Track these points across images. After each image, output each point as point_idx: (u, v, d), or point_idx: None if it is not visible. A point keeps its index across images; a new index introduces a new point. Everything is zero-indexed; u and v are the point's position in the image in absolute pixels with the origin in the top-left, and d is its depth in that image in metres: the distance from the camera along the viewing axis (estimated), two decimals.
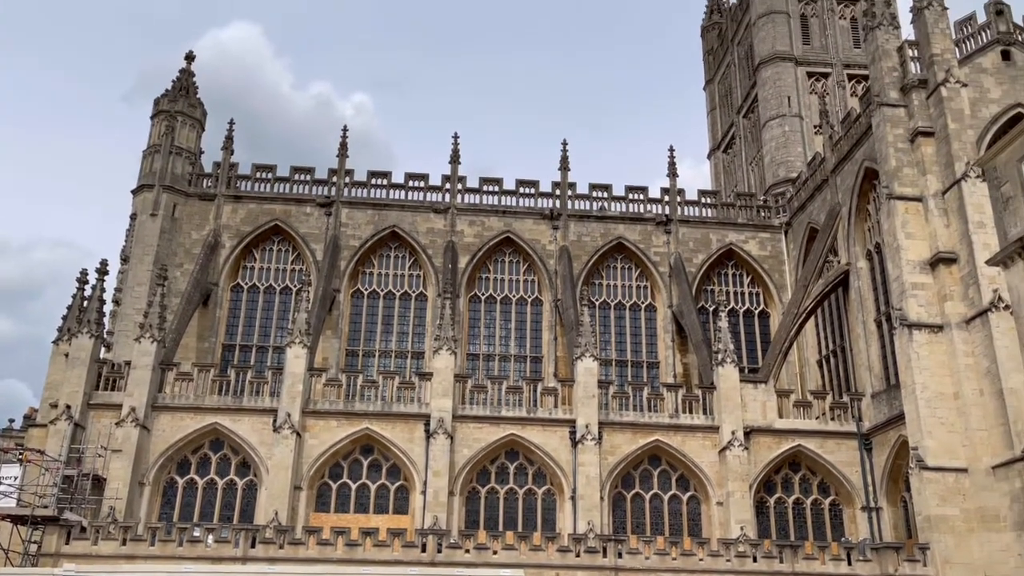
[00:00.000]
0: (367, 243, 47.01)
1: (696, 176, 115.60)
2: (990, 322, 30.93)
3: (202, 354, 43.48)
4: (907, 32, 38.77)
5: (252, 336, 45.55)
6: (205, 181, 47.42)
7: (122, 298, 43.30)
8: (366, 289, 46.99)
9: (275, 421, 35.85)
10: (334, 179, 47.99)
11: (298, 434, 35.83)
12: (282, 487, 34.75)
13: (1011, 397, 29.63)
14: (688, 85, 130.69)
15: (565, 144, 49.65)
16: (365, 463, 37.13)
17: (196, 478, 36.46)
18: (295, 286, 45.88)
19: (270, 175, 48.08)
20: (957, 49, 36.50)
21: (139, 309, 40.88)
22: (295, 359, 37.06)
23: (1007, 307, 29.75)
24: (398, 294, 47.08)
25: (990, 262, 26.45)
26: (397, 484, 36.86)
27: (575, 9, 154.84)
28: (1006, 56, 36.69)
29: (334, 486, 36.70)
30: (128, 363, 37.10)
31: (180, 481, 36.36)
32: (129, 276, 43.77)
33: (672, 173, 49.84)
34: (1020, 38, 37.09)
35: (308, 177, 48.13)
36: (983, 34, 37.17)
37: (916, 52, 37.09)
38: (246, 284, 46.48)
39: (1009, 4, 37.42)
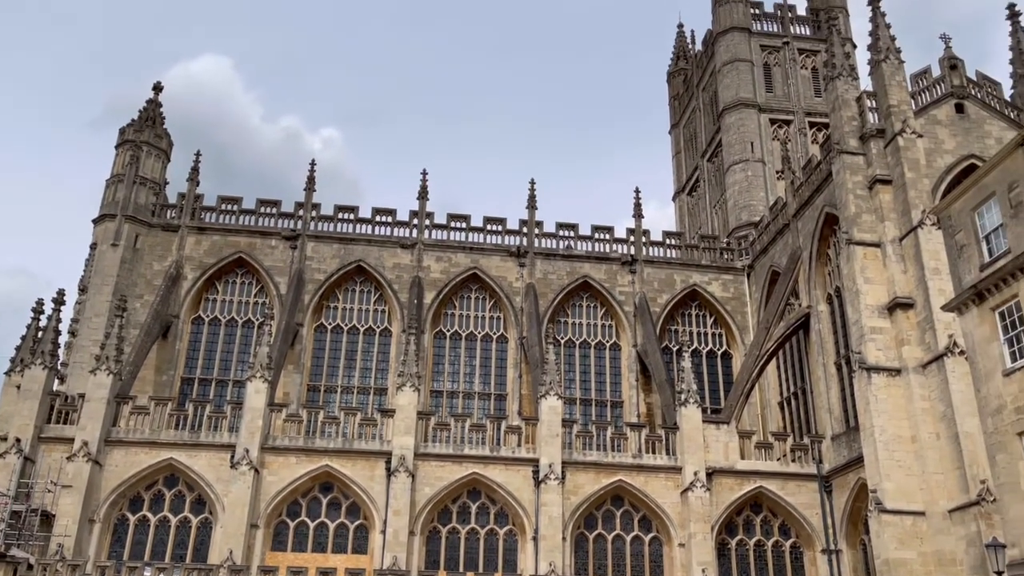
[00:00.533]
0: (332, 277, 46.75)
1: (661, 217, 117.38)
2: (946, 367, 31.46)
3: (160, 387, 42.63)
4: (865, 83, 40.04)
5: (212, 370, 44.84)
6: (169, 212, 46.97)
7: (79, 329, 42.43)
8: (330, 323, 46.61)
9: (233, 457, 35.13)
10: (300, 212, 47.80)
11: (256, 470, 35.13)
12: (238, 525, 33.96)
13: (966, 441, 30.06)
14: (655, 128, 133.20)
15: (533, 183, 50.17)
16: (324, 501, 36.48)
17: (148, 515, 35.50)
18: (257, 319, 45.37)
19: (235, 207, 47.77)
20: (913, 101, 37.60)
21: (96, 340, 40.07)
22: (255, 394, 36.49)
23: (962, 352, 30.31)
24: (362, 329, 46.74)
25: (945, 308, 27.02)
26: (356, 523, 36.24)
27: (545, 49, 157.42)
28: (959, 109, 37.92)
29: (292, 524, 35.97)
30: (82, 396, 36.24)
31: (132, 518, 35.37)
32: (87, 307, 42.97)
33: (638, 214, 50.47)
34: (973, 92, 38.39)
35: (274, 210, 47.90)
36: (938, 87, 38.40)
37: (874, 103, 38.14)
38: (207, 317, 45.86)
39: (962, 59, 38.77)
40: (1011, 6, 40.78)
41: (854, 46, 56.79)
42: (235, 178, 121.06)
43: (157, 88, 49.35)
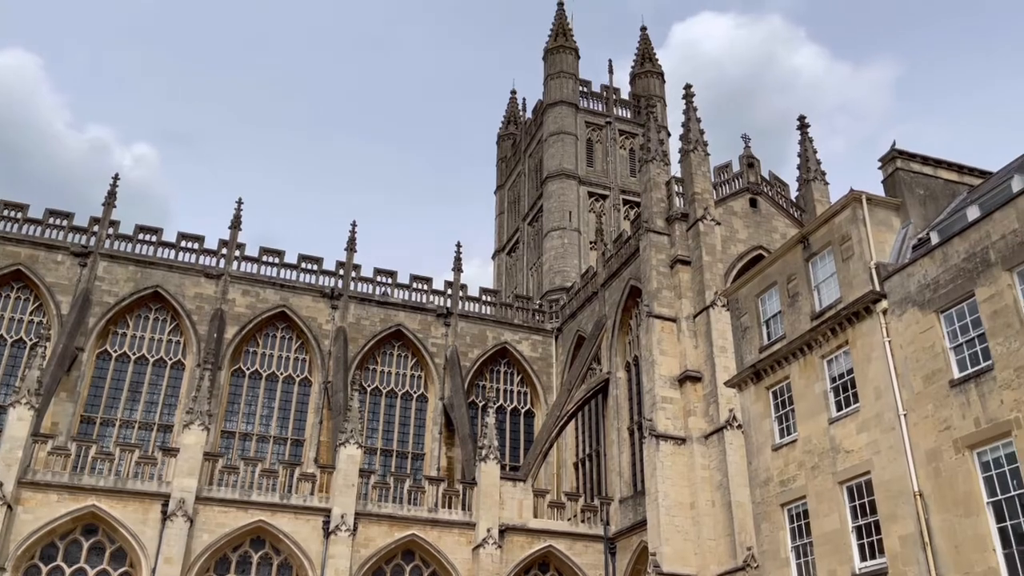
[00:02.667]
0: (124, 301, 43.39)
1: (481, 274, 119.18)
2: (725, 439, 33.71)
3: None
4: (676, 169, 43.09)
5: None
6: None
7: None
8: (116, 351, 43.05)
9: None
10: (95, 228, 44.19)
11: (10, 507, 31.35)
12: None
13: (737, 510, 32.20)
14: (483, 186, 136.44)
15: (354, 225, 49.49)
16: (86, 545, 33.08)
17: None
18: (31, 340, 41.08)
19: (19, 215, 43.41)
20: (715, 191, 40.87)
21: None
22: (17, 421, 32.77)
23: (740, 426, 32.59)
24: (152, 359, 43.53)
25: (728, 384, 29.14)
26: (121, 570, 33.07)
27: (379, 96, 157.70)
28: (753, 203, 41.67)
29: (44, 569, 32.25)
30: None
31: None
32: None
33: (457, 268, 50.96)
34: (765, 190, 42.36)
35: (65, 222, 43.98)
36: (737, 181, 42.03)
37: (681, 188, 41.12)
38: None
39: (759, 159, 42.82)
40: (801, 118, 45.62)
41: (668, 134, 61.25)
42: (29, 186, 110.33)
43: None
